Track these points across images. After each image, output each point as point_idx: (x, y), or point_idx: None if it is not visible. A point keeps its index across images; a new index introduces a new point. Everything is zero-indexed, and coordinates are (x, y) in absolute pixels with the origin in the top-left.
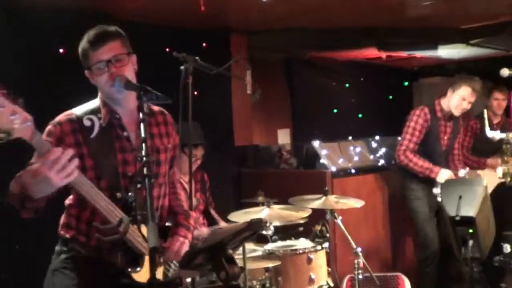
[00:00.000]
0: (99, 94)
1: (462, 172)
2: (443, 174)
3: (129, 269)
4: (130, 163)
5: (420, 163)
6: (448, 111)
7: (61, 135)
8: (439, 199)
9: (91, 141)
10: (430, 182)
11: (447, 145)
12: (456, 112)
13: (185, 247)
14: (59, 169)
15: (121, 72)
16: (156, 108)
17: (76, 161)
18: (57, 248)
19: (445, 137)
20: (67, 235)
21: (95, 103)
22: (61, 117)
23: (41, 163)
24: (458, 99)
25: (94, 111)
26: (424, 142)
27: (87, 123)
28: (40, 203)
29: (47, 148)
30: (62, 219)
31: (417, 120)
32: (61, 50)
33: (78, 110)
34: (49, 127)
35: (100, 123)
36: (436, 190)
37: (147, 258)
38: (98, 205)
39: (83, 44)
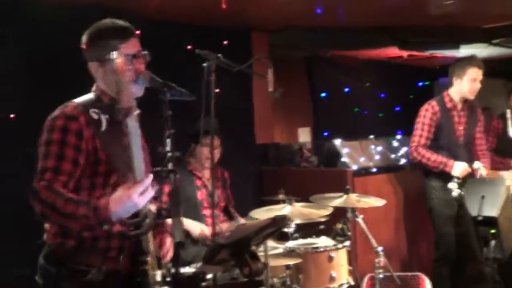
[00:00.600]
0: (100, 88)
1: (476, 164)
2: (458, 167)
3: (144, 267)
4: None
5: (433, 158)
6: (460, 99)
7: (80, 128)
8: (454, 194)
9: (102, 135)
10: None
11: (464, 136)
12: (471, 96)
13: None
14: (146, 196)
15: (142, 68)
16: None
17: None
18: (51, 268)
19: (461, 128)
20: (67, 245)
21: (91, 97)
22: (69, 109)
23: (128, 191)
24: (469, 82)
25: (96, 105)
26: (439, 136)
27: (94, 116)
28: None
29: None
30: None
31: (425, 114)
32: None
33: (80, 102)
34: (61, 121)
35: (106, 117)
36: (452, 185)
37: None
38: None
39: (100, 33)
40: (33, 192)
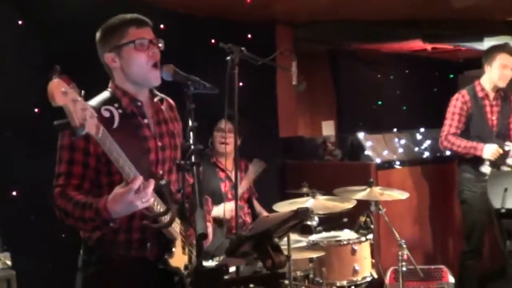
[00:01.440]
0: (114, 83)
1: (508, 145)
2: (488, 149)
3: (166, 256)
4: (152, 150)
5: (463, 144)
6: (492, 88)
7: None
8: (487, 178)
9: (114, 132)
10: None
11: (498, 126)
12: (502, 84)
13: (211, 231)
14: (143, 197)
15: (158, 55)
16: (163, 96)
17: (152, 182)
18: (83, 256)
19: (493, 117)
20: (93, 238)
21: (106, 94)
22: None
23: (124, 190)
24: (499, 69)
25: (110, 102)
26: (471, 126)
27: (105, 114)
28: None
29: (109, 142)
30: None
31: (455, 104)
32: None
33: (93, 102)
34: None
35: (119, 113)
36: (484, 169)
37: (178, 242)
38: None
39: (116, 23)
40: (52, 199)
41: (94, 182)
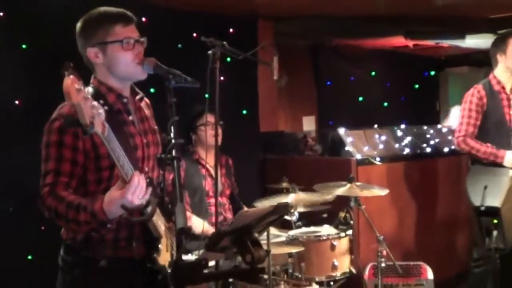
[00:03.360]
0: (97, 79)
1: None
2: (509, 157)
3: (154, 254)
4: (139, 147)
5: (483, 149)
6: (508, 79)
7: (76, 129)
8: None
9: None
10: None
11: None
12: None
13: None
14: (139, 193)
15: (142, 54)
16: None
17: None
18: (66, 257)
19: (511, 112)
20: (77, 240)
21: (89, 90)
22: (65, 109)
23: (123, 190)
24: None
25: (94, 98)
26: (487, 122)
27: None
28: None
29: (113, 140)
30: None
31: (471, 100)
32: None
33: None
34: (58, 123)
35: (105, 109)
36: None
37: (163, 241)
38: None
39: (101, 17)
40: (40, 198)
41: (81, 179)
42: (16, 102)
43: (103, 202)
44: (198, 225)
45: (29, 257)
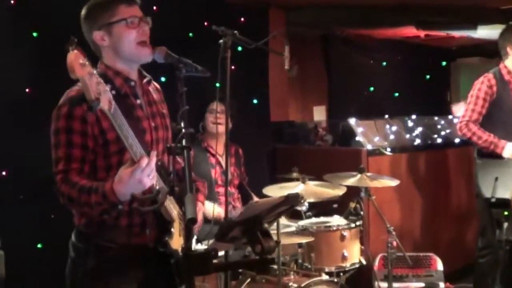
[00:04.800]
0: (104, 63)
1: None
2: (509, 149)
3: (166, 237)
4: (147, 130)
5: (484, 137)
6: None
7: (83, 114)
8: None
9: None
10: None
11: None
12: None
13: (201, 214)
14: (149, 173)
15: (148, 33)
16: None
17: (154, 158)
18: (78, 245)
19: None
20: (91, 224)
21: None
22: (73, 94)
23: (131, 169)
24: None
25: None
26: (495, 112)
27: None
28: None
29: (120, 118)
30: None
31: (480, 87)
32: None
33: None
34: (65, 109)
35: (113, 94)
36: None
37: (175, 225)
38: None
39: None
40: (55, 185)
41: (92, 165)
42: (27, 90)
43: (113, 182)
44: (209, 208)
45: (39, 245)
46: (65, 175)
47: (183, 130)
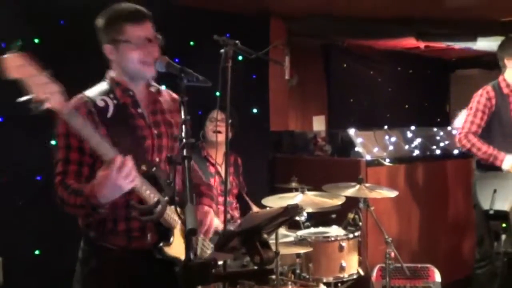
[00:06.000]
0: (110, 75)
1: None
2: (509, 160)
3: (161, 243)
4: (148, 138)
5: (483, 149)
6: None
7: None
8: None
9: (108, 121)
10: None
11: None
12: None
13: (210, 218)
14: (126, 175)
15: (156, 52)
16: (160, 87)
17: (129, 160)
18: (85, 247)
19: None
20: (91, 228)
21: (103, 86)
22: (74, 101)
23: (106, 172)
24: None
25: (106, 92)
26: (493, 124)
27: (100, 104)
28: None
29: (78, 121)
30: None
31: (479, 100)
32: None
33: (89, 93)
34: None
35: (114, 103)
36: None
37: (176, 231)
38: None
39: (114, 15)
40: (54, 187)
41: (92, 168)
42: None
43: (93, 185)
44: None
45: (37, 252)
46: (62, 177)
47: (184, 140)
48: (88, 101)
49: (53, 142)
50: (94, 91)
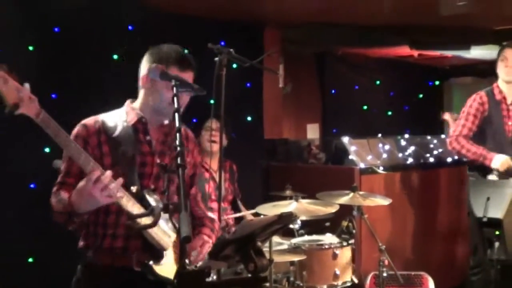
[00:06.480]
0: (131, 103)
1: None
2: (498, 159)
3: (151, 262)
4: (148, 165)
5: (473, 150)
6: (509, 91)
7: (86, 136)
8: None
9: (113, 140)
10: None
11: None
12: (507, 77)
13: (207, 248)
14: (102, 188)
15: (185, 102)
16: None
17: (120, 181)
18: (79, 261)
19: (510, 122)
20: (84, 248)
21: (119, 111)
22: (87, 119)
23: (83, 183)
24: (500, 63)
25: (119, 115)
26: (486, 129)
27: (110, 123)
28: (85, 216)
29: (54, 127)
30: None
31: (471, 104)
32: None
33: (103, 115)
34: (76, 128)
35: (123, 125)
36: (492, 177)
37: (168, 252)
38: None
39: (166, 53)
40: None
41: None
42: None
43: (72, 193)
44: None
45: (30, 259)
46: (58, 187)
47: (178, 148)
48: (99, 120)
49: (46, 150)
50: (109, 114)
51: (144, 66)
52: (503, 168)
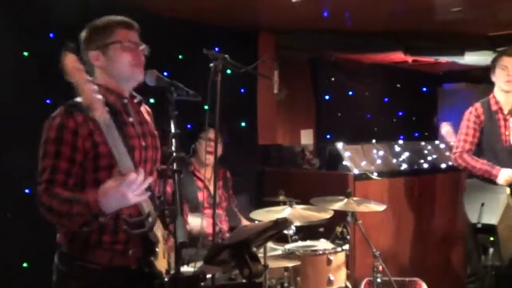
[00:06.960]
0: (96, 82)
1: None
2: (503, 175)
3: (151, 258)
4: (137, 148)
5: (478, 166)
6: (505, 101)
7: (76, 127)
8: None
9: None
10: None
11: (511, 142)
12: (507, 87)
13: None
14: (136, 188)
15: (143, 57)
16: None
17: (149, 179)
18: (61, 267)
19: (507, 132)
20: (74, 242)
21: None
22: (68, 107)
23: (118, 182)
24: (499, 71)
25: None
26: (483, 140)
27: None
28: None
29: (113, 131)
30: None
31: (469, 117)
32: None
33: (80, 101)
34: (58, 120)
35: (107, 109)
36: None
37: (160, 246)
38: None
39: (105, 22)
40: (36, 196)
41: (78, 179)
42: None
43: (97, 193)
44: (195, 223)
45: (25, 264)
46: (48, 186)
47: (174, 154)
48: (83, 108)
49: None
50: (79, 99)
51: (89, 45)
52: (508, 183)
